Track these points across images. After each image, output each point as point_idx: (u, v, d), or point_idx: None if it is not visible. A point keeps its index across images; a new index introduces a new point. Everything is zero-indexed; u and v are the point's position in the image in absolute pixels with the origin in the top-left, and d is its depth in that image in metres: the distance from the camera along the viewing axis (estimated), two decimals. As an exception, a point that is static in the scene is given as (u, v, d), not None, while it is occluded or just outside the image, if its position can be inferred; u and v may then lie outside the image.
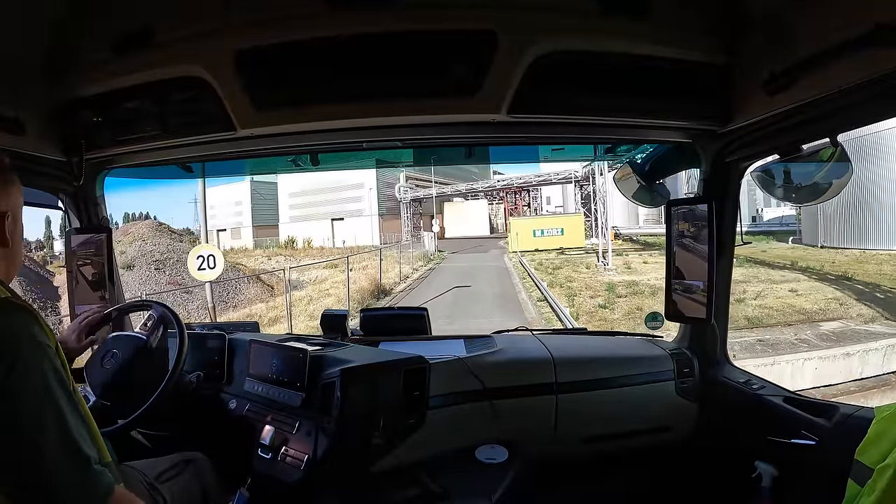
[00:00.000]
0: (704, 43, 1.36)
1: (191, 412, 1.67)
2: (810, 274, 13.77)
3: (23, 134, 1.43)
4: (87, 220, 1.92)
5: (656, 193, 2.08)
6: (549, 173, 31.61)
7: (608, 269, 17.39)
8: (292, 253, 34.03)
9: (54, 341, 0.88)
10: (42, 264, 21.57)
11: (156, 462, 1.35)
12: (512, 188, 39.72)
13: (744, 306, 9.87)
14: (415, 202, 40.48)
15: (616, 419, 1.88)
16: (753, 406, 1.65)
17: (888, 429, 1.03)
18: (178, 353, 1.54)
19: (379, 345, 1.93)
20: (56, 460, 0.80)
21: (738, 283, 11.79)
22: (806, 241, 20.92)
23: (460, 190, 39.75)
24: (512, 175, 36.94)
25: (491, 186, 39.26)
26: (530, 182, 35.19)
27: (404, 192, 38.82)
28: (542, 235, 28.26)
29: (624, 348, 2.14)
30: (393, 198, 39.77)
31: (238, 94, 1.37)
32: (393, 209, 40.28)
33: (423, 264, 23.08)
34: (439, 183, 39.62)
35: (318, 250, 34.89)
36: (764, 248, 19.76)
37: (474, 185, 38.93)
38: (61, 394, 0.84)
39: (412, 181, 39.63)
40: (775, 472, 1.51)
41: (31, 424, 0.80)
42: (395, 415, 1.58)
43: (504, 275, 18.69)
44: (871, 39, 0.97)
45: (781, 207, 27.24)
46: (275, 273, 20.77)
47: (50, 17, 1.33)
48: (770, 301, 10.52)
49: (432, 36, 1.31)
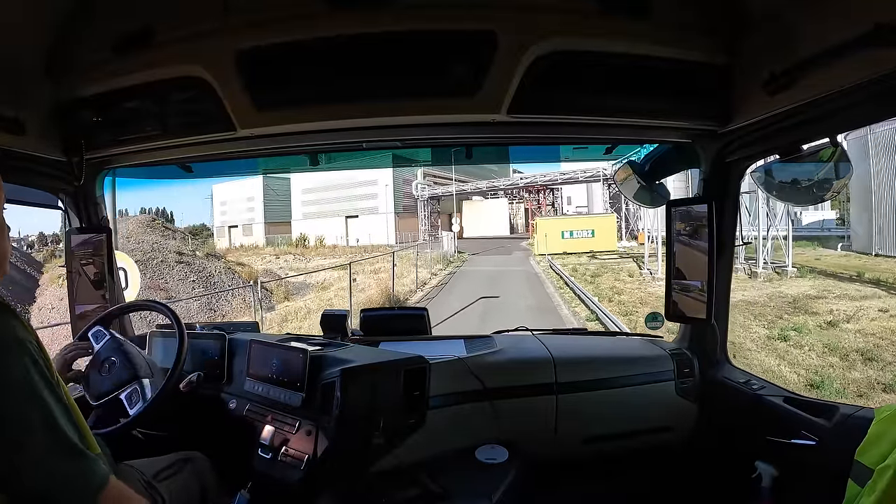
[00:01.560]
0: (704, 43, 1.36)
1: (191, 412, 1.67)
2: (886, 288, 11.75)
3: (23, 134, 1.43)
4: (87, 220, 1.92)
5: (656, 193, 2.08)
6: (576, 171, 29.95)
7: (656, 279, 15.08)
8: (304, 251, 33.54)
9: (34, 336, 0.88)
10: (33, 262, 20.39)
11: (154, 461, 1.35)
12: (535, 186, 38.16)
13: (842, 333, 8.06)
14: (433, 200, 39.11)
15: (616, 419, 1.88)
16: (753, 406, 1.65)
17: (888, 429, 1.03)
18: (178, 353, 1.54)
19: (379, 345, 1.93)
20: (45, 453, 0.80)
21: (814, 299, 10.63)
22: (856, 247, 18.66)
23: (480, 188, 38.37)
24: (536, 172, 34.87)
25: (513, 184, 37.92)
26: (555, 180, 33.58)
27: (422, 189, 37.77)
28: (570, 237, 26.54)
29: (624, 348, 2.14)
30: (410, 195, 38.70)
31: (238, 94, 1.37)
32: (409, 207, 39.15)
33: (441, 267, 21.24)
34: (458, 181, 38.20)
35: (331, 249, 34.53)
36: (817, 256, 17.95)
37: (495, 182, 37.68)
38: (44, 387, 0.83)
39: (430, 178, 38.32)
40: (775, 472, 1.50)
41: (16, 420, 0.80)
42: (395, 415, 1.58)
43: (535, 282, 16.56)
44: (871, 39, 0.96)
45: (821, 210, 24.21)
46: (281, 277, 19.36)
47: (50, 17, 1.33)
48: (865, 324, 8.48)
49: (432, 36, 1.31)
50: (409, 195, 38.71)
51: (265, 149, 1.74)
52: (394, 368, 1.61)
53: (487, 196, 44.91)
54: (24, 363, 0.82)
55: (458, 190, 38.37)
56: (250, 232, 44.61)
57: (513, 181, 37.33)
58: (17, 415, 0.80)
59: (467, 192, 39.92)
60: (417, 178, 37.24)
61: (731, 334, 1.31)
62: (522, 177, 37.41)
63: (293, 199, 43.93)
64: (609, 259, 22.12)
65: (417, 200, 37.90)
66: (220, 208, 48.27)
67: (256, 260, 29.58)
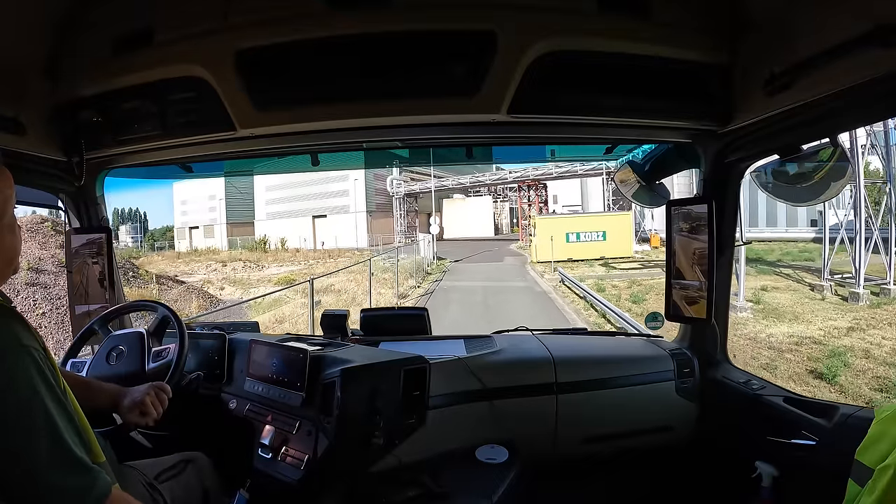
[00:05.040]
0: (704, 43, 1.36)
1: (191, 412, 1.67)
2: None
3: (23, 134, 1.43)
4: (87, 220, 1.92)
5: (656, 193, 2.08)
6: (574, 165, 25.83)
7: (742, 309, 10.46)
8: (262, 256, 28.13)
9: (41, 343, 0.86)
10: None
11: (156, 462, 1.35)
12: (526, 182, 32.36)
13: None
14: (410, 197, 34.84)
15: (616, 419, 1.88)
16: (753, 406, 1.65)
17: (888, 429, 1.03)
18: (179, 353, 1.54)
19: (379, 345, 1.93)
20: (46, 466, 0.79)
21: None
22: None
23: (464, 184, 34.36)
24: (527, 167, 29.35)
25: (500, 180, 32.80)
26: (549, 174, 29.04)
27: (398, 185, 33.78)
28: (577, 241, 21.47)
29: (624, 348, 2.14)
30: (384, 192, 34.86)
31: (238, 94, 1.37)
32: (384, 205, 35.40)
33: (415, 284, 15.87)
34: (438, 176, 33.77)
35: (292, 253, 29.77)
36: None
37: (480, 177, 33.11)
38: (49, 397, 0.82)
39: (407, 173, 33.59)
40: (775, 472, 1.51)
41: (19, 429, 0.78)
42: (395, 415, 1.58)
43: (548, 306, 12.00)
44: (871, 39, 0.97)
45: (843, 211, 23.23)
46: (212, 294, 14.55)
47: (50, 17, 1.33)
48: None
49: (432, 36, 1.31)
50: (384, 192, 34.95)
51: (265, 149, 1.74)
52: (394, 368, 1.61)
53: (470, 193, 41.25)
54: (28, 371, 0.81)
55: (437, 186, 33.73)
56: (212, 233, 40.66)
57: (500, 176, 32.35)
58: (19, 425, 0.78)
59: (448, 188, 36.02)
60: (393, 174, 32.82)
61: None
62: (511, 171, 31.84)
63: (256, 198, 40.10)
64: (629, 269, 17.80)
65: (393, 198, 34.05)
66: (180, 208, 43.84)
67: (199, 269, 24.28)
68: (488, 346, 1.97)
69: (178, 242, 41.92)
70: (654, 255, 19.98)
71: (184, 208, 43.76)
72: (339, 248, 30.39)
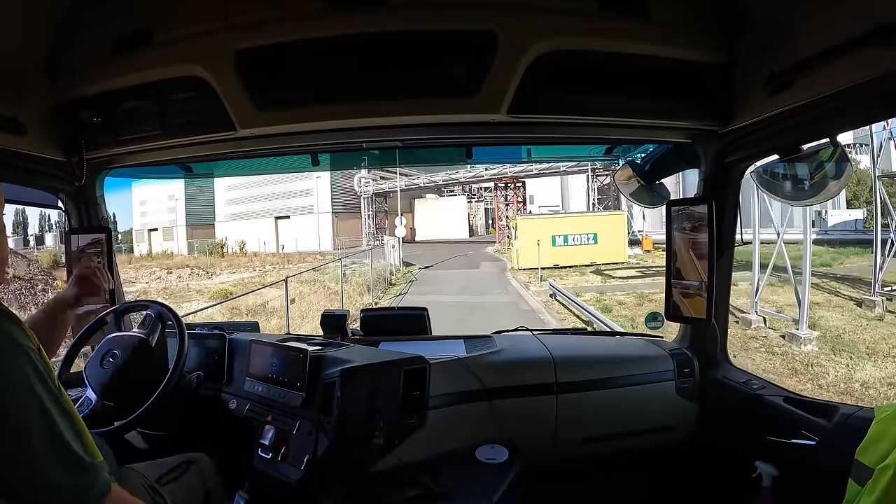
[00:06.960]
0: (704, 43, 1.36)
1: (191, 412, 1.66)
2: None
3: (23, 134, 1.43)
4: (87, 220, 1.92)
5: (656, 193, 2.08)
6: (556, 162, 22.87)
7: (807, 341, 7.87)
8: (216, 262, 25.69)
9: (35, 343, 0.86)
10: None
11: (157, 464, 1.34)
12: (503, 179, 29.81)
13: None
14: (379, 197, 32.83)
15: (616, 419, 1.88)
16: (753, 406, 1.65)
17: (888, 429, 1.03)
18: (178, 354, 1.54)
19: (379, 345, 1.93)
20: (45, 464, 0.78)
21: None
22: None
23: (436, 182, 31.57)
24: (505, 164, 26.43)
25: (476, 177, 30.10)
26: (529, 172, 26.50)
27: (366, 184, 31.72)
28: (565, 244, 18.99)
29: (624, 348, 2.14)
30: (352, 191, 32.71)
31: (238, 94, 1.37)
32: (351, 206, 33.17)
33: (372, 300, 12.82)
34: (406, 175, 31.24)
35: (249, 258, 27.67)
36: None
37: (453, 175, 30.01)
38: (46, 395, 0.81)
39: (376, 171, 30.90)
40: (775, 472, 1.51)
41: (17, 428, 0.78)
42: (395, 415, 1.58)
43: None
44: (871, 39, 0.97)
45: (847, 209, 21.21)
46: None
47: (50, 17, 1.33)
48: None
49: (432, 36, 1.31)
50: (351, 191, 32.71)
51: (265, 149, 1.74)
52: (394, 368, 1.61)
53: (443, 193, 38.52)
54: (24, 370, 0.80)
55: (408, 185, 31.31)
56: (171, 236, 37.85)
57: (475, 174, 29.46)
58: (17, 424, 0.78)
59: (419, 187, 33.22)
60: (361, 172, 30.24)
61: None
62: (486, 168, 28.06)
63: (217, 198, 37.29)
64: (628, 277, 15.26)
65: (361, 198, 32.01)
66: (139, 209, 41.05)
67: (142, 276, 21.84)
68: (488, 346, 1.97)
69: (136, 245, 39.20)
70: (650, 259, 18.00)
71: (143, 209, 41.08)
72: (299, 252, 28.09)
